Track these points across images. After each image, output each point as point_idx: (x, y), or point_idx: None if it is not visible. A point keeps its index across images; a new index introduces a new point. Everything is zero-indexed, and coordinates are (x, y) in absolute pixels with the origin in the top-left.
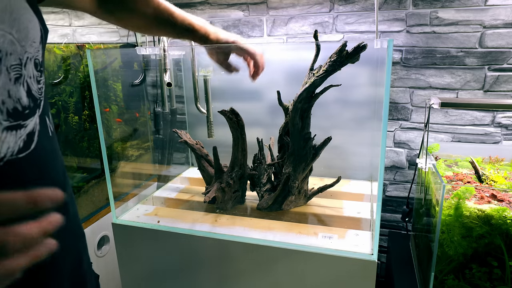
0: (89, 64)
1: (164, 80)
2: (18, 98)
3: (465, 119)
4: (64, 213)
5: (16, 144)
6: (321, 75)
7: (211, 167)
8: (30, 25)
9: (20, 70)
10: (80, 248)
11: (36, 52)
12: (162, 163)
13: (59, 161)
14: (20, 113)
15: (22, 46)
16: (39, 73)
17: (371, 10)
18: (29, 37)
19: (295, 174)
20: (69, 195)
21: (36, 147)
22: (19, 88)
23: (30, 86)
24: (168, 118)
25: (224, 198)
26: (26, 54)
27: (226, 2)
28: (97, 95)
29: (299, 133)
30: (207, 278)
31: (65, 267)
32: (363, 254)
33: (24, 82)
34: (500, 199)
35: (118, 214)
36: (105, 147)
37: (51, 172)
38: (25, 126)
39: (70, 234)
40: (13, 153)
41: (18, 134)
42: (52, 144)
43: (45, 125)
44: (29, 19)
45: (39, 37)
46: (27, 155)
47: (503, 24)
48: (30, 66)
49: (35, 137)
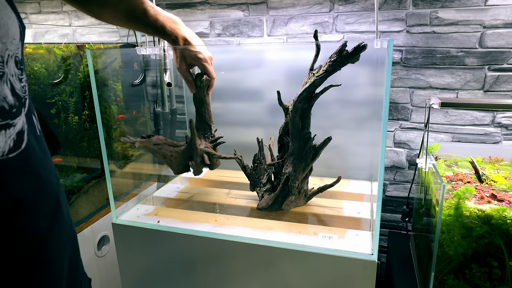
0: (89, 64)
1: (164, 80)
2: (4, 97)
3: (465, 119)
4: (59, 214)
5: (6, 144)
6: (321, 75)
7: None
8: (10, 22)
9: (3, 68)
10: (74, 249)
11: (16, 49)
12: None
13: (49, 160)
14: (8, 112)
15: (3, 43)
16: (20, 71)
17: (371, 10)
18: (9, 34)
19: (295, 174)
20: (62, 195)
21: (27, 146)
22: (3, 86)
23: (14, 85)
24: (168, 118)
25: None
26: (7, 52)
27: (226, 2)
28: (97, 95)
29: (299, 133)
30: (207, 278)
31: (60, 268)
32: (363, 254)
33: (7, 80)
34: (500, 199)
35: (118, 214)
36: (105, 147)
37: (42, 171)
38: (14, 125)
39: (64, 234)
40: (4, 153)
41: (7, 134)
42: (41, 143)
43: (32, 124)
44: (8, 15)
45: (19, 34)
46: (17, 154)
47: (503, 24)
48: (11, 64)
49: (24, 136)
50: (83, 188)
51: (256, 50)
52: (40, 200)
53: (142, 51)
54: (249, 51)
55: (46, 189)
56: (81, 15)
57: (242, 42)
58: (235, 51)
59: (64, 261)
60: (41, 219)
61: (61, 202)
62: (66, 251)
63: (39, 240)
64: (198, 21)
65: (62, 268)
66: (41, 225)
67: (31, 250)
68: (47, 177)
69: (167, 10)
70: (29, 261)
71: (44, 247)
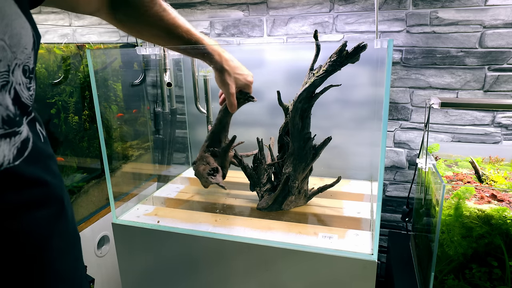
0: (89, 64)
1: (164, 80)
2: (6, 106)
3: (465, 119)
4: (63, 217)
5: (10, 152)
6: (321, 75)
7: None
8: (23, 31)
9: (8, 77)
10: (77, 252)
11: (26, 58)
12: (162, 163)
13: (54, 164)
14: (12, 120)
15: (13, 53)
16: (29, 80)
17: (371, 10)
18: (21, 44)
19: (295, 174)
20: (67, 199)
21: (31, 153)
22: (4, 95)
23: (20, 93)
24: (168, 118)
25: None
26: (15, 61)
27: (226, 2)
28: (97, 95)
29: (299, 133)
30: (207, 278)
31: (64, 269)
32: (363, 254)
33: (11, 89)
34: (500, 199)
35: (118, 214)
36: (105, 147)
37: (47, 176)
38: (20, 133)
39: (69, 237)
40: (10, 161)
41: (12, 142)
42: (47, 148)
43: (35, 131)
44: (22, 25)
45: (31, 44)
46: (22, 161)
47: (503, 24)
48: (18, 72)
49: (29, 144)
50: (83, 188)
51: (256, 50)
52: (44, 203)
53: (142, 51)
54: (249, 51)
55: (51, 193)
56: (81, 15)
57: (242, 42)
58: (235, 51)
59: (67, 264)
60: (45, 222)
61: (65, 206)
62: (69, 254)
63: (42, 241)
64: (198, 21)
65: (64, 271)
66: (44, 227)
67: (33, 251)
68: (52, 182)
69: None
70: (31, 262)
71: (47, 249)
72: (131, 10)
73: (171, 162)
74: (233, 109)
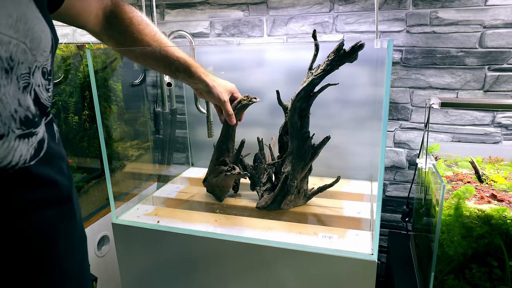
0: (89, 64)
1: (164, 80)
2: (27, 106)
3: (465, 119)
4: (71, 217)
5: (28, 152)
6: (319, 74)
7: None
8: (43, 35)
9: (29, 79)
10: (83, 250)
11: (45, 61)
12: (162, 163)
13: (66, 165)
14: (31, 121)
15: (33, 55)
16: (47, 82)
17: (371, 10)
18: (40, 47)
19: (294, 173)
20: (76, 199)
21: (46, 153)
22: (26, 96)
23: (39, 94)
24: (168, 118)
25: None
26: (35, 63)
27: (226, 2)
28: (97, 95)
29: (298, 132)
30: (207, 278)
31: (72, 269)
32: (363, 254)
33: (32, 90)
34: (500, 199)
35: (118, 214)
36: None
37: (58, 177)
38: (36, 133)
39: (76, 237)
40: (26, 161)
41: (29, 142)
42: (60, 150)
43: (52, 131)
44: (42, 29)
45: (50, 46)
46: (37, 161)
47: (503, 24)
48: (38, 74)
49: (45, 145)
50: (83, 188)
51: (256, 50)
52: (53, 203)
53: None
54: (249, 51)
55: (60, 193)
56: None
57: (242, 42)
58: (235, 51)
59: (74, 264)
60: (53, 220)
61: (74, 207)
62: (76, 254)
63: (50, 240)
64: (198, 21)
65: (72, 270)
66: (52, 226)
67: (41, 249)
68: (62, 182)
69: (167, 10)
70: (39, 261)
71: (54, 248)
72: (117, 36)
73: (171, 162)
74: (231, 120)
